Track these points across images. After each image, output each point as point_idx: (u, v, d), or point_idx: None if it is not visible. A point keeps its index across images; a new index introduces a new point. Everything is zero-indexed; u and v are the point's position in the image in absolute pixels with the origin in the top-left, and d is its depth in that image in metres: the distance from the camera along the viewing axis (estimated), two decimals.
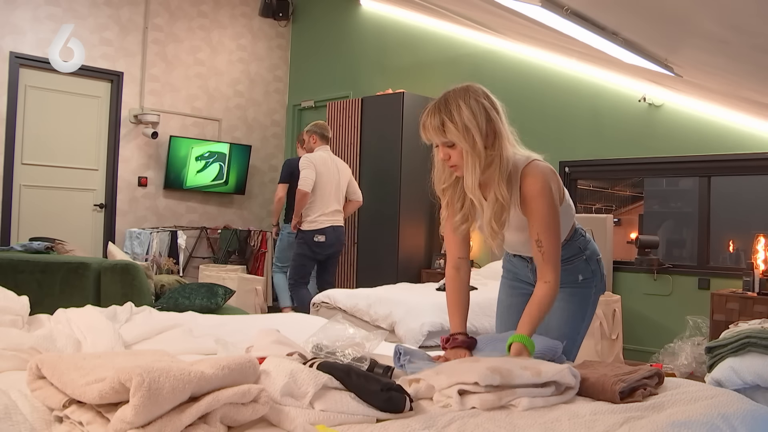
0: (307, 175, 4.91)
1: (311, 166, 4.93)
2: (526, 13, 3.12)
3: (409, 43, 6.62)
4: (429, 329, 3.93)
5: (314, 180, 4.92)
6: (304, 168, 4.96)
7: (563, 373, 1.61)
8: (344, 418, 1.40)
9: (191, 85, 7.10)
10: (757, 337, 2.79)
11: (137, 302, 2.98)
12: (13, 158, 5.93)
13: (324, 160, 5.05)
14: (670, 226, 5.73)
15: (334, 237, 5.08)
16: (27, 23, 5.94)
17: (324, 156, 5.08)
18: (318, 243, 5.01)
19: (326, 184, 5.01)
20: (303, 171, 4.95)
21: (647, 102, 4.92)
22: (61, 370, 1.37)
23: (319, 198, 4.99)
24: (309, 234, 5.00)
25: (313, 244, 5.01)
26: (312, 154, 5.08)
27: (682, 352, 4.35)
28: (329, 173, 5.03)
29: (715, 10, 2.50)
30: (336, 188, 5.09)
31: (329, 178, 5.03)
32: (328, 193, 5.03)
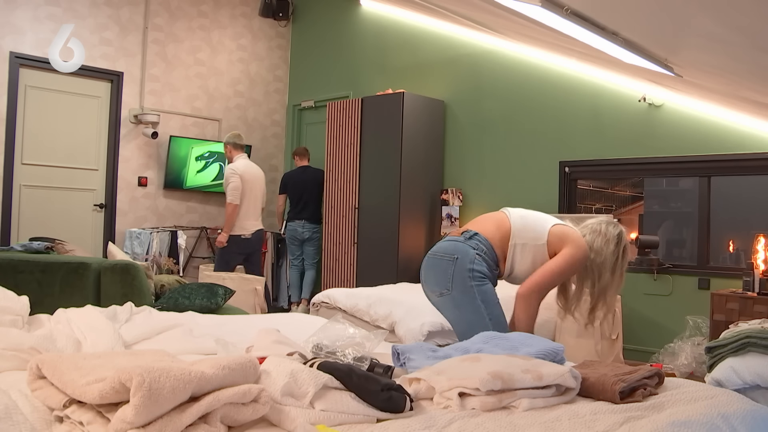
0: (234, 188, 5.32)
1: (236, 177, 5.32)
2: (526, 13, 3.11)
3: (409, 43, 6.62)
4: (429, 329, 3.93)
5: (241, 190, 5.33)
6: (230, 181, 5.34)
7: (565, 377, 1.61)
8: (344, 418, 1.40)
9: (191, 85, 7.10)
10: (757, 337, 2.79)
11: (137, 302, 2.98)
12: (13, 158, 5.93)
13: (247, 168, 5.46)
14: (670, 226, 5.73)
15: (257, 238, 5.56)
16: (27, 23, 5.94)
17: (245, 164, 5.50)
18: (245, 241, 5.44)
19: (251, 190, 5.41)
20: (230, 184, 5.33)
21: (647, 102, 4.92)
22: (62, 370, 1.37)
23: (245, 204, 5.39)
24: (236, 236, 5.43)
25: (240, 242, 5.43)
26: (235, 164, 5.47)
27: (682, 352, 4.35)
28: (253, 180, 5.47)
29: (715, 10, 2.50)
30: (258, 193, 5.52)
31: (252, 184, 5.44)
32: (254, 197, 5.44)
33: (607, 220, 2.67)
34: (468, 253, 2.49)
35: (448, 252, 2.52)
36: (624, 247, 2.60)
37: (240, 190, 5.33)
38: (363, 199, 6.15)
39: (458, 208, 6.03)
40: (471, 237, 2.54)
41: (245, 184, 5.37)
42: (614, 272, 2.57)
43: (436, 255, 2.57)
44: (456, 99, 6.18)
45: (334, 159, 6.42)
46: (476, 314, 2.44)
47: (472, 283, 2.46)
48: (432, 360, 1.86)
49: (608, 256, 2.56)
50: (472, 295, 2.45)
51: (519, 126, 5.72)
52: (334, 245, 6.37)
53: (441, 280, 2.50)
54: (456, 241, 2.55)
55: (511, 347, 1.95)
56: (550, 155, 5.49)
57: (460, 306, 2.48)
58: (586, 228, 2.65)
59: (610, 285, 2.57)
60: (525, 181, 5.65)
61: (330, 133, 6.49)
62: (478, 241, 2.53)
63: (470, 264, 2.47)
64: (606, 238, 2.58)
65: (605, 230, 2.60)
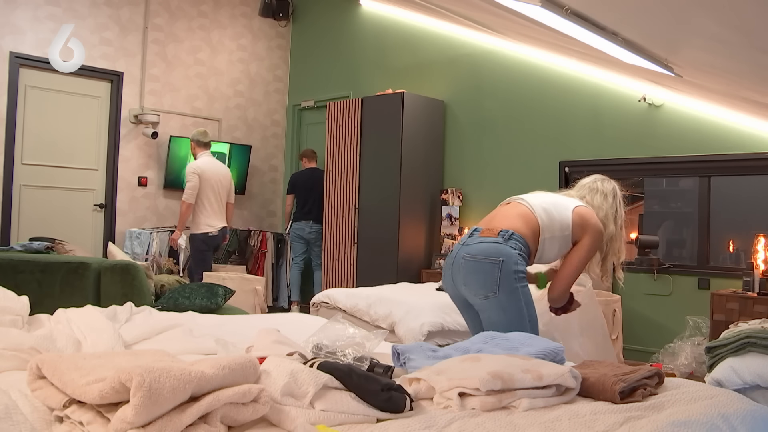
0: (191, 187, 5.37)
1: (195, 177, 5.37)
2: (526, 13, 3.11)
3: (409, 43, 6.62)
4: (429, 329, 3.93)
5: (197, 189, 5.37)
6: (188, 180, 5.39)
7: (565, 377, 1.61)
8: (344, 418, 1.40)
9: (191, 85, 7.10)
10: (757, 337, 2.79)
11: (137, 302, 2.98)
12: (13, 158, 5.93)
13: (209, 166, 5.48)
14: (670, 226, 5.72)
15: (222, 235, 5.63)
16: (27, 23, 5.94)
17: (208, 162, 5.52)
18: (211, 237, 5.51)
19: (212, 188, 5.43)
20: (188, 183, 5.39)
21: (647, 102, 4.92)
22: (62, 370, 1.37)
23: (208, 202, 5.43)
24: (204, 234, 5.50)
25: (209, 239, 5.51)
26: (196, 163, 5.54)
27: (682, 352, 4.35)
28: (216, 178, 5.48)
29: (715, 10, 2.50)
30: (222, 191, 5.54)
31: (215, 182, 5.47)
32: (217, 195, 5.48)
33: (599, 177, 2.91)
34: (512, 255, 2.52)
35: (491, 254, 2.52)
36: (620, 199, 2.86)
37: (197, 190, 5.37)
38: (363, 199, 6.15)
39: (458, 208, 6.03)
40: (509, 237, 2.55)
41: (206, 183, 5.40)
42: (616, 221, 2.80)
43: (477, 258, 2.54)
44: (456, 99, 6.18)
45: (334, 159, 6.42)
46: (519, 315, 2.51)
47: (518, 285, 2.51)
48: (432, 360, 1.86)
49: (608, 210, 2.79)
50: (518, 297, 2.51)
51: (519, 126, 5.72)
52: (334, 245, 6.37)
53: (487, 283, 2.51)
54: (495, 242, 2.54)
55: (511, 347, 1.95)
56: (550, 155, 5.49)
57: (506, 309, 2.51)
58: (584, 188, 2.87)
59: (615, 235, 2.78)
60: (525, 181, 5.64)
61: (330, 133, 6.49)
62: (516, 240, 2.56)
63: (515, 266, 2.51)
64: (603, 193, 2.82)
65: (601, 186, 2.84)
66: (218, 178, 5.53)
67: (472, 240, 2.61)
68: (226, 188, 5.62)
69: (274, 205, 7.91)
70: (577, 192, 2.87)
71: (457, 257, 2.61)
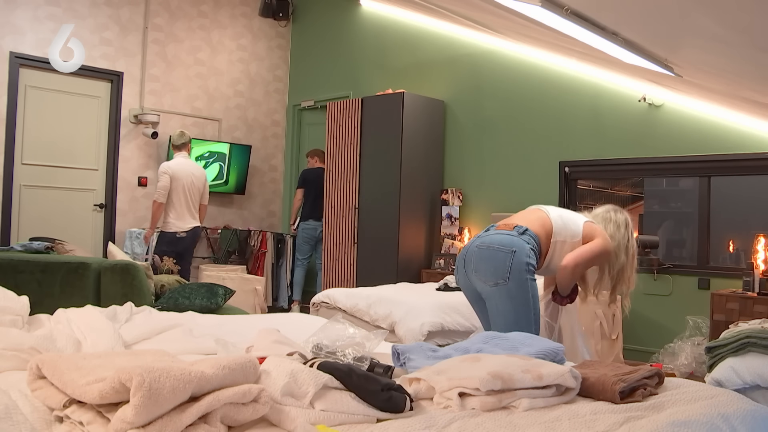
0: (161, 187, 5.45)
1: (166, 177, 5.46)
2: (526, 13, 3.11)
3: (409, 43, 6.62)
4: (429, 329, 3.93)
5: (168, 189, 5.45)
6: (159, 180, 5.49)
7: (565, 377, 1.61)
8: (344, 418, 1.40)
9: (191, 85, 7.10)
10: (757, 337, 2.79)
11: (137, 302, 2.98)
12: (13, 158, 5.93)
13: (179, 166, 5.54)
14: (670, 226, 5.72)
15: (192, 236, 5.64)
16: (27, 23, 5.94)
17: (180, 163, 5.59)
18: (179, 238, 5.53)
19: (183, 189, 5.49)
20: (158, 183, 5.49)
21: (647, 102, 4.92)
22: (62, 370, 1.37)
23: (178, 203, 5.48)
24: (170, 234, 5.52)
25: (175, 240, 5.51)
26: (168, 163, 5.63)
27: (682, 352, 4.35)
28: (187, 178, 5.53)
29: (715, 10, 2.50)
30: (190, 191, 5.57)
31: (185, 183, 5.52)
32: (188, 196, 5.52)
33: (612, 207, 3.01)
34: (524, 248, 2.66)
35: (505, 244, 2.67)
36: (631, 230, 2.96)
37: (167, 189, 5.44)
38: (363, 199, 6.15)
39: (458, 208, 6.03)
40: (523, 232, 2.71)
41: (176, 183, 5.46)
42: (627, 252, 2.90)
43: (491, 246, 2.69)
44: (456, 99, 6.18)
45: (334, 159, 6.42)
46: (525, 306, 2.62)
47: (527, 276, 2.64)
48: (432, 360, 1.86)
49: (620, 239, 2.89)
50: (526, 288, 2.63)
51: (519, 126, 5.72)
52: (334, 245, 6.37)
53: (498, 270, 2.64)
54: (510, 234, 2.71)
55: (511, 347, 1.95)
56: (550, 155, 5.49)
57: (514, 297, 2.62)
58: (597, 218, 2.97)
59: (626, 264, 2.90)
60: (525, 181, 5.65)
61: (330, 133, 6.49)
62: (529, 236, 2.72)
63: (526, 258, 2.64)
64: (616, 223, 2.92)
65: (614, 217, 2.94)
66: (190, 179, 5.57)
67: (487, 233, 2.78)
68: (198, 189, 5.65)
69: (274, 205, 7.91)
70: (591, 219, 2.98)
71: (470, 248, 2.76)
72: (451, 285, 4.74)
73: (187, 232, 5.55)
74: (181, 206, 5.51)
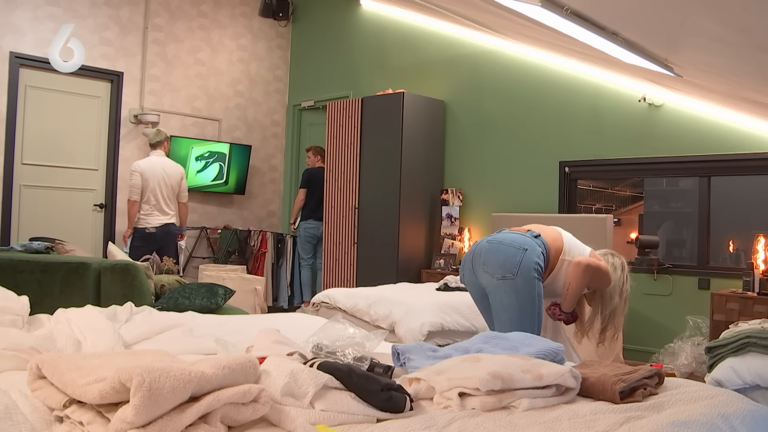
0: (132, 185, 5.55)
1: (136, 175, 5.55)
2: (526, 13, 3.12)
3: (409, 43, 6.62)
4: (429, 329, 3.93)
5: (140, 187, 5.52)
6: (130, 178, 5.62)
7: (565, 377, 1.61)
8: (344, 418, 1.40)
9: (191, 85, 7.10)
10: (757, 337, 2.79)
11: (137, 302, 2.98)
12: (13, 158, 5.93)
13: (151, 164, 5.60)
14: (670, 226, 5.72)
15: (163, 232, 5.61)
16: (27, 23, 5.94)
17: (152, 160, 5.65)
18: (148, 234, 5.55)
19: (153, 187, 5.54)
20: (130, 181, 5.59)
21: (647, 102, 4.92)
22: (62, 370, 1.37)
23: (147, 198, 5.53)
24: (141, 230, 5.59)
25: (146, 236, 5.55)
26: (139, 162, 5.70)
27: (682, 352, 4.35)
28: (155, 177, 5.57)
29: (715, 10, 2.50)
30: (162, 189, 5.60)
31: (156, 181, 5.54)
32: (158, 194, 5.56)
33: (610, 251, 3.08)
34: (536, 249, 2.72)
35: (517, 242, 2.73)
36: (627, 274, 3.01)
37: (139, 188, 5.51)
38: (363, 199, 6.15)
39: (458, 208, 6.03)
40: (537, 236, 2.78)
41: (147, 182, 5.52)
42: (621, 295, 2.96)
43: (503, 242, 2.75)
44: (456, 99, 6.18)
45: (334, 159, 6.42)
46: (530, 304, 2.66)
47: (534, 275, 2.68)
48: (432, 360, 1.86)
49: (616, 282, 2.93)
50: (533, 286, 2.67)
51: (519, 126, 5.72)
52: (334, 245, 6.37)
53: (507, 264, 2.69)
54: (523, 235, 2.77)
55: (511, 347, 1.95)
56: (550, 155, 5.49)
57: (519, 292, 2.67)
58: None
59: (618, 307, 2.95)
60: (525, 181, 5.65)
61: (330, 133, 6.49)
62: (542, 242, 2.79)
63: (537, 258, 2.70)
64: (613, 266, 2.96)
65: (612, 261, 2.99)
66: (161, 176, 5.59)
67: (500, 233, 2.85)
68: (171, 187, 5.66)
69: (274, 205, 7.91)
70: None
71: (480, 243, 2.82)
72: (451, 285, 4.74)
73: (158, 228, 5.57)
74: (149, 204, 5.55)
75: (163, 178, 5.58)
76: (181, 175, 5.76)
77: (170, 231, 5.67)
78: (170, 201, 5.65)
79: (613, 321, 2.96)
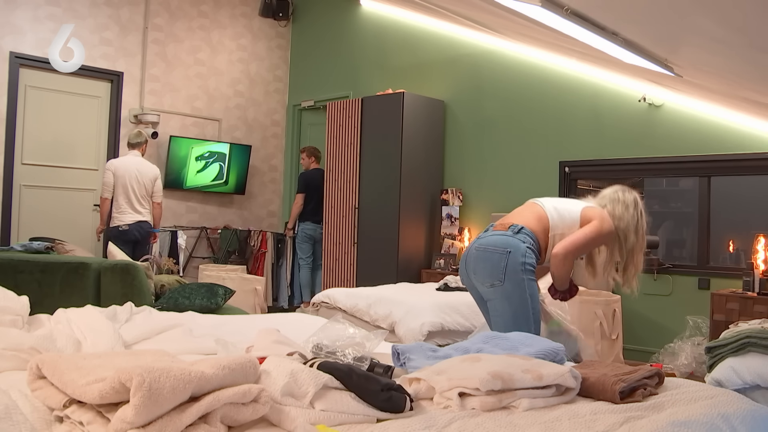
0: (104, 183, 5.63)
1: (108, 173, 5.62)
2: (526, 13, 3.12)
3: (409, 43, 6.62)
4: (429, 329, 3.93)
5: (111, 185, 5.59)
6: (104, 176, 5.69)
7: (565, 377, 1.61)
8: (344, 418, 1.40)
9: (191, 85, 7.10)
10: (757, 337, 2.79)
11: (137, 302, 2.98)
12: (13, 158, 5.93)
13: (124, 163, 5.67)
14: (670, 226, 5.72)
15: (136, 229, 5.62)
16: (27, 23, 5.94)
17: (125, 160, 5.72)
18: (122, 231, 5.58)
19: (124, 185, 5.58)
20: (103, 178, 5.70)
21: (647, 102, 4.92)
22: (62, 370, 1.37)
23: (119, 196, 5.60)
24: (114, 228, 5.62)
25: (118, 233, 5.58)
26: (113, 160, 5.77)
27: (682, 352, 4.35)
28: (128, 175, 5.61)
29: (715, 10, 2.50)
30: (135, 188, 5.62)
31: (127, 180, 5.60)
32: (129, 192, 5.60)
33: (621, 187, 2.91)
34: (519, 247, 2.64)
35: (500, 245, 2.66)
36: (641, 209, 2.86)
37: (110, 185, 5.57)
38: (363, 199, 6.15)
39: (458, 208, 6.03)
40: (519, 231, 2.69)
41: (118, 180, 5.55)
42: (637, 233, 2.81)
43: (487, 248, 2.69)
44: (456, 99, 6.18)
45: (334, 159, 6.42)
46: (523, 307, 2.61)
47: (524, 276, 2.62)
48: (432, 360, 1.86)
49: (629, 220, 2.80)
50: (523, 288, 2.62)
51: (519, 126, 5.72)
52: (334, 245, 6.37)
53: (494, 272, 2.63)
54: (505, 235, 2.70)
55: (511, 347, 1.95)
56: (550, 155, 5.49)
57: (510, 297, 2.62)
58: (605, 198, 2.89)
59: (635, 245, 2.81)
60: (525, 181, 5.64)
61: (330, 133, 6.49)
62: (525, 234, 2.70)
63: (522, 257, 2.62)
64: (625, 204, 2.83)
65: (623, 197, 2.85)
66: (134, 175, 5.61)
67: (486, 234, 2.76)
68: (144, 186, 5.66)
69: (274, 205, 7.91)
70: (598, 202, 2.91)
71: (470, 250, 2.75)
72: (451, 285, 4.74)
73: (130, 225, 5.59)
74: (123, 201, 5.60)
75: (135, 177, 5.61)
76: (155, 175, 5.76)
77: (143, 229, 5.69)
78: (143, 200, 5.68)
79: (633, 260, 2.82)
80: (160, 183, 5.79)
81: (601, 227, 2.74)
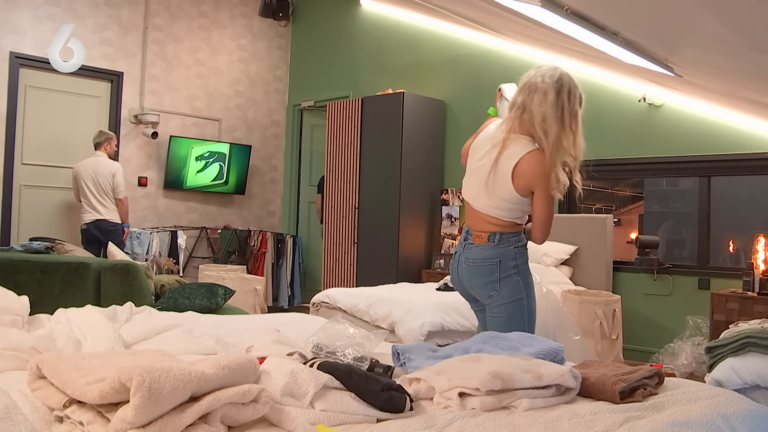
0: (73, 186, 5.82)
1: (73, 176, 5.79)
2: (526, 13, 3.12)
3: (409, 43, 6.62)
4: (429, 329, 3.93)
5: (75, 187, 5.75)
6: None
7: (565, 377, 1.61)
8: (344, 418, 1.40)
9: (191, 85, 7.10)
10: (757, 337, 2.79)
11: (137, 302, 2.98)
12: (13, 158, 5.93)
13: (84, 164, 5.75)
14: (670, 226, 5.72)
15: (95, 227, 5.70)
16: (27, 23, 5.94)
17: (86, 161, 5.78)
18: (82, 231, 5.73)
19: (85, 185, 5.68)
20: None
21: (647, 102, 4.92)
22: (62, 370, 1.37)
23: (82, 197, 5.72)
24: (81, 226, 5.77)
25: (82, 231, 5.72)
26: (79, 162, 5.81)
27: (682, 352, 4.35)
28: (85, 175, 5.72)
29: (715, 10, 2.50)
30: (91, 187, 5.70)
31: (85, 180, 5.70)
32: (86, 192, 5.70)
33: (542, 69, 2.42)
34: (507, 253, 2.54)
35: (488, 257, 2.56)
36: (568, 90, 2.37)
37: (75, 188, 5.75)
38: (363, 199, 6.15)
39: (458, 208, 6.03)
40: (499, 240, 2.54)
41: (79, 180, 5.67)
42: (563, 121, 2.38)
43: (477, 262, 2.58)
44: (456, 99, 6.18)
45: (334, 159, 6.42)
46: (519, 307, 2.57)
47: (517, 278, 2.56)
48: (432, 360, 1.86)
49: (548, 110, 2.35)
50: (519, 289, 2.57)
51: None
52: (334, 245, 6.37)
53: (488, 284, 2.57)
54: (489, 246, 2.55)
55: (511, 347, 1.95)
56: None
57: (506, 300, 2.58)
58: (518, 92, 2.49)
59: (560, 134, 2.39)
60: None
61: (330, 133, 6.49)
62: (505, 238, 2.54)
63: (513, 261, 2.54)
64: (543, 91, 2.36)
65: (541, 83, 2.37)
66: (88, 175, 5.66)
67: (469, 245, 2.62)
68: (100, 185, 5.69)
69: (274, 205, 7.91)
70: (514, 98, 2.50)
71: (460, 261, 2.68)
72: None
73: (87, 225, 5.66)
74: (84, 202, 5.69)
75: (91, 176, 5.66)
76: (111, 172, 5.74)
77: (102, 227, 5.68)
78: (102, 198, 5.71)
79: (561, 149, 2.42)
80: (120, 179, 5.77)
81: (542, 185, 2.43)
